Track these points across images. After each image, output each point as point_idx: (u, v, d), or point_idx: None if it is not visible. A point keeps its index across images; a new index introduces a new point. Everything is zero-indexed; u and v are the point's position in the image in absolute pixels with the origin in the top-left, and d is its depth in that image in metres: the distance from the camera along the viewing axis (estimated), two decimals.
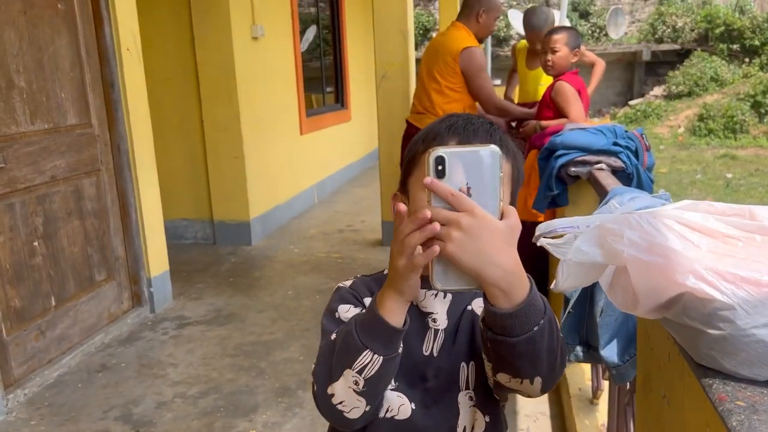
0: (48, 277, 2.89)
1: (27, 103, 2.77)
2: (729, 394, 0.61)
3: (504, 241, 0.66)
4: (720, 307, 0.61)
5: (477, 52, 3.43)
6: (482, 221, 0.65)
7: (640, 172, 2.14)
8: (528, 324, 0.68)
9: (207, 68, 4.58)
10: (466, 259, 0.65)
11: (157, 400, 2.64)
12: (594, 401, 2.26)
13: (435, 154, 0.67)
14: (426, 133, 0.90)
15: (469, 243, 0.65)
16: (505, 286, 0.66)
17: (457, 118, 0.89)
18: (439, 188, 0.66)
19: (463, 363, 0.88)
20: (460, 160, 0.67)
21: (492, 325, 0.69)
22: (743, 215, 0.70)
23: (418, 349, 0.89)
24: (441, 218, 0.65)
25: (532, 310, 0.68)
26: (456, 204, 0.65)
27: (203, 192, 4.86)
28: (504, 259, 0.66)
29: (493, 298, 0.67)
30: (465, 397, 0.88)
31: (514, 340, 0.68)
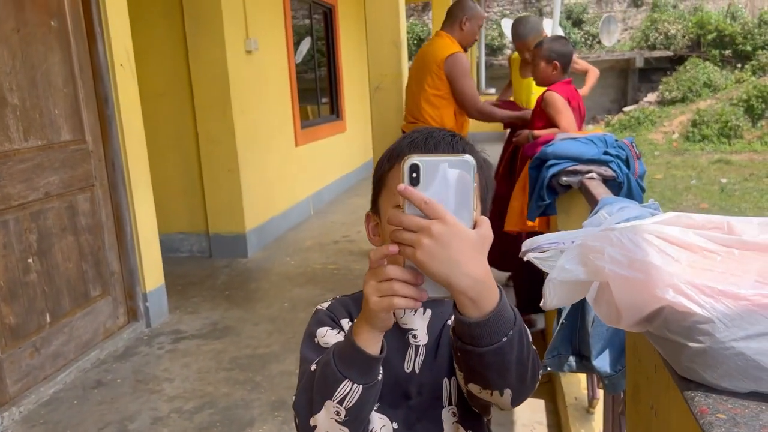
0: (42, 293, 2.88)
1: (20, 120, 2.77)
2: (710, 407, 0.61)
3: (474, 249, 0.66)
4: (699, 321, 0.62)
5: (460, 57, 3.47)
6: (453, 229, 0.65)
7: (630, 181, 2.16)
8: (497, 334, 0.68)
9: (201, 82, 4.60)
10: (436, 266, 0.65)
11: (152, 416, 2.63)
12: (590, 410, 2.26)
13: (410, 161, 0.67)
14: (390, 152, 0.91)
15: (439, 251, 0.65)
16: (474, 295, 0.66)
17: (418, 134, 0.89)
18: (413, 195, 0.66)
19: (445, 378, 0.88)
20: (434, 169, 0.67)
21: (461, 334, 0.70)
22: (722, 228, 0.70)
23: (399, 366, 0.89)
24: (413, 225, 0.66)
25: (501, 320, 0.68)
26: (428, 211, 0.66)
27: (198, 205, 4.86)
28: (474, 268, 0.66)
29: (462, 307, 0.67)
30: (448, 413, 0.88)
31: (483, 350, 0.68)
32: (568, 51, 3.15)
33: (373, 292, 0.71)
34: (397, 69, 4.56)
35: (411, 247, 0.66)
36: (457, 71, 3.43)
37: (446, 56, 3.43)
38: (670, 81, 14.87)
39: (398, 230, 0.67)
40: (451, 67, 3.43)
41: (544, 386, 2.74)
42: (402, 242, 0.67)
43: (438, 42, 3.57)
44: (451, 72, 3.43)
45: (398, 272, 0.69)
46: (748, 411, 0.60)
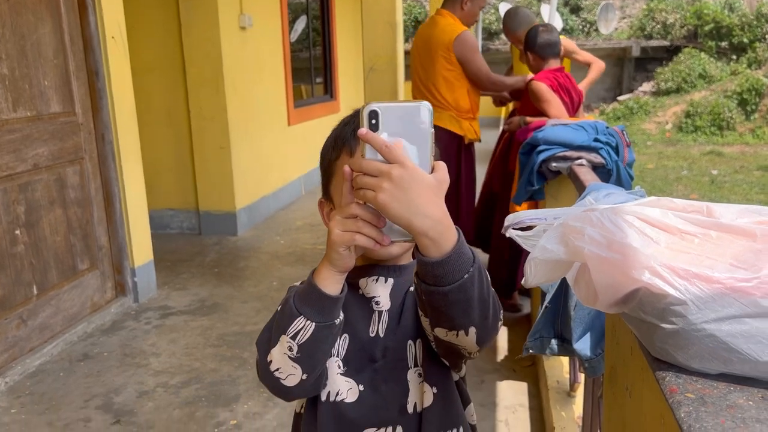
0: (30, 265, 2.87)
1: (9, 91, 2.74)
2: (680, 387, 0.63)
3: (433, 193, 0.69)
4: (673, 302, 0.63)
5: (468, 36, 3.42)
6: (413, 173, 0.68)
7: (619, 168, 2.17)
8: (458, 272, 0.70)
9: (194, 58, 4.55)
10: (396, 209, 0.68)
11: (138, 390, 2.64)
12: (571, 393, 2.29)
13: (369, 108, 0.69)
14: (334, 139, 0.93)
15: (399, 193, 0.67)
16: (434, 235, 0.69)
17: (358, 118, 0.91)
18: (374, 140, 0.68)
19: (410, 341, 0.90)
20: (393, 115, 0.69)
21: (424, 276, 0.72)
22: (701, 212, 0.71)
23: (364, 331, 0.91)
24: (373, 169, 0.68)
25: (462, 258, 0.71)
26: (388, 155, 0.68)
27: (189, 182, 4.84)
28: (432, 209, 0.68)
29: (424, 248, 0.70)
30: (414, 374, 0.90)
31: (446, 288, 0.71)
32: (543, 40, 3.15)
33: (336, 225, 0.75)
34: (392, 50, 4.52)
35: (372, 191, 0.68)
36: (467, 52, 3.38)
37: (453, 38, 3.37)
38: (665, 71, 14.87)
39: (359, 175, 0.69)
40: (461, 48, 3.38)
41: (527, 370, 2.78)
42: (363, 186, 0.69)
43: (441, 23, 3.48)
44: (461, 53, 3.38)
45: (362, 210, 0.72)
46: (717, 391, 0.62)
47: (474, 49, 3.42)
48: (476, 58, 3.42)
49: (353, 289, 0.94)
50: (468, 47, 3.39)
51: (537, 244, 0.77)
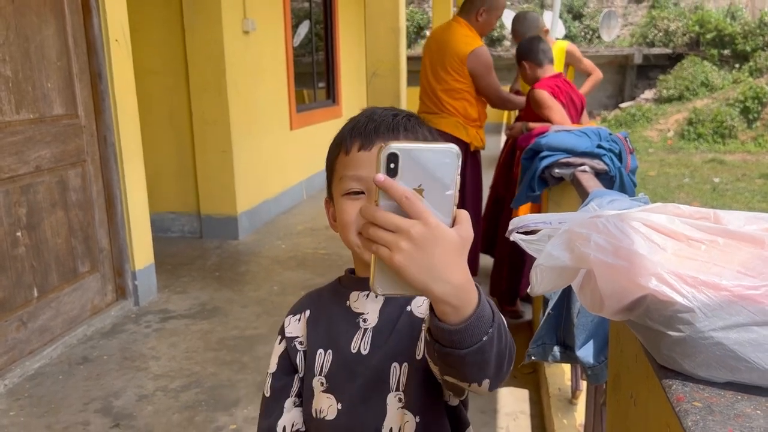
0: (31, 267, 2.87)
1: (12, 93, 2.74)
2: (687, 395, 0.62)
3: (456, 254, 0.61)
4: (680, 310, 0.62)
5: (484, 53, 3.38)
6: (435, 232, 0.59)
7: (623, 175, 2.16)
8: (477, 335, 0.64)
9: (197, 61, 4.56)
10: (414, 272, 0.59)
11: (138, 393, 2.63)
12: (573, 401, 2.28)
13: (387, 150, 0.60)
14: (333, 142, 0.90)
15: (419, 256, 0.59)
16: (455, 302, 0.62)
17: (360, 117, 0.88)
18: (393, 188, 0.59)
19: (395, 363, 0.86)
20: (416, 158, 0.60)
21: (439, 339, 0.66)
22: (708, 218, 0.71)
23: (346, 347, 0.89)
24: (390, 224, 0.59)
25: (481, 321, 0.64)
26: (409, 209, 0.59)
27: (191, 185, 4.84)
28: (455, 274, 0.61)
29: (442, 314, 0.63)
30: (394, 399, 0.86)
31: (464, 352, 0.64)
32: (536, 47, 3.16)
33: None
34: (395, 56, 4.53)
35: (387, 249, 0.60)
36: (480, 68, 3.35)
37: (468, 53, 3.34)
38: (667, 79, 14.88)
39: (372, 226, 0.60)
40: (475, 64, 3.35)
41: (528, 377, 2.76)
42: (377, 241, 0.60)
43: (458, 32, 3.44)
44: (474, 69, 3.35)
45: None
46: (724, 400, 0.61)
47: (487, 67, 3.39)
48: (489, 76, 3.39)
49: (342, 301, 0.92)
50: (481, 64, 3.36)
51: (543, 251, 0.77)
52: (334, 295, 0.95)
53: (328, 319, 0.93)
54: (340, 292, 0.94)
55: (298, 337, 0.95)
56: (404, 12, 4.69)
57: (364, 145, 0.84)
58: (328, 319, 0.93)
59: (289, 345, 0.95)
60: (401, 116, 0.87)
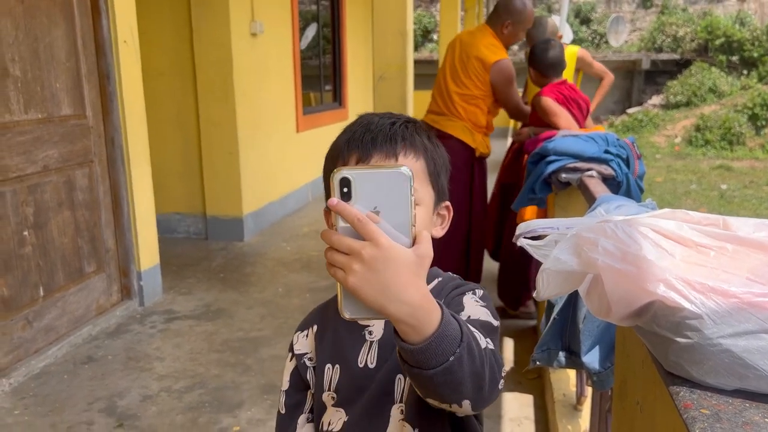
0: (37, 267, 2.88)
1: (21, 92, 2.76)
2: (695, 402, 0.61)
3: (411, 273, 0.61)
4: (688, 316, 0.62)
5: (506, 65, 3.35)
6: (387, 252, 0.59)
7: (630, 181, 2.16)
8: (442, 355, 0.63)
9: (204, 63, 4.58)
10: (368, 293, 0.60)
11: (142, 394, 2.63)
12: (578, 407, 2.27)
13: (339, 175, 0.62)
14: (331, 148, 0.89)
15: (371, 277, 0.59)
16: (413, 321, 0.61)
17: (357, 127, 0.87)
18: (345, 211, 0.60)
19: (399, 375, 0.86)
20: (368, 182, 0.62)
21: (406, 359, 0.65)
22: (717, 224, 0.70)
23: (354, 362, 0.88)
24: (343, 247, 0.60)
25: (445, 340, 0.63)
26: (361, 231, 0.60)
27: (197, 186, 4.85)
28: (410, 294, 0.60)
29: (403, 334, 0.63)
30: (396, 411, 0.86)
31: (431, 372, 0.63)
32: (547, 60, 3.15)
33: None
34: (402, 59, 4.53)
35: (342, 271, 0.61)
36: (504, 81, 3.35)
37: (492, 63, 3.32)
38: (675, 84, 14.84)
39: (330, 250, 0.61)
40: (497, 76, 3.34)
41: (533, 382, 2.75)
42: (334, 264, 0.61)
43: (484, 40, 3.41)
44: (495, 81, 3.34)
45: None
46: (732, 407, 0.60)
47: (509, 80, 3.38)
48: (509, 89, 3.39)
49: None
50: (504, 77, 3.35)
51: (550, 255, 0.76)
52: None
53: (334, 334, 0.92)
54: None
55: (307, 353, 0.95)
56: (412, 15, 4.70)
57: (361, 159, 0.84)
58: (334, 334, 0.92)
59: (298, 362, 0.95)
60: (399, 124, 0.86)
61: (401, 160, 0.83)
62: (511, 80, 3.39)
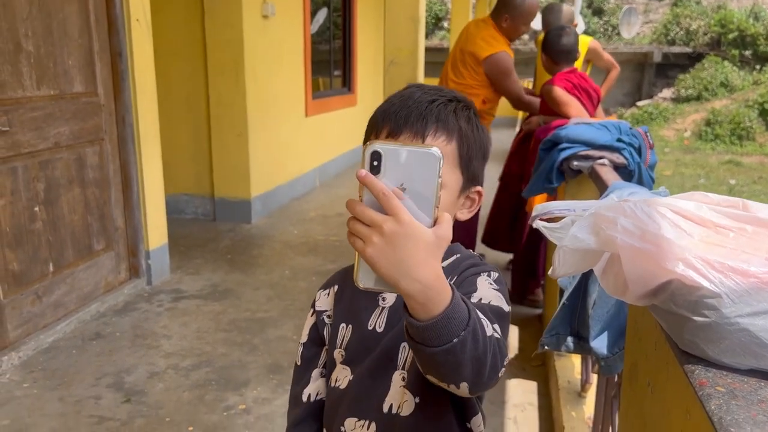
0: (47, 242, 2.90)
1: (34, 68, 2.76)
2: (710, 380, 0.62)
3: (428, 252, 0.62)
4: (707, 295, 0.62)
5: (500, 58, 3.34)
6: (407, 229, 0.61)
7: (641, 170, 2.15)
8: (446, 336, 0.64)
9: (215, 44, 4.57)
10: (384, 266, 0.62)
11: (149, 371, 2.66)
12: (582, 394, 2.28)
13: (371, 148, 0.63)
14: (371, 118, 0.89)
15: (389, 251, 0.61)
16: (423, 299, 0.63)
17: (396, 99, 0.86)
18: (372, 184, 0.62)
19: (404, 343, 0.88)
20: (398, 158, 0.63)
21: (411, 333, 0.67)
22: (737, 206, 0.70)
23: (364, 324, 0.91)
24: (365, 218, 0.62)
25: (452, 322, 0.64)
26: (385, 205, 0.62)
27: (205, 168, 4.86)
28: (424, 272, 0.62)
29: (411, 310, 0.65)
30: (398, 377, 0.88)
31: (433, 350, 0.65)
32: (560, 46, 3.13)
33: None
34: (413, 45, 4.51)
35: (362, 241, 0.63)
36: (497, 74, 3.35)
37: (485, 57, 3.34)
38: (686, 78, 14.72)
39: (353, 219, 0.63)
40: (490, 69, 3.35)
41: (537, 369, 2.77)
42: (355, 234, 0.63)
43: (483, 32, 3.42)
44: (490, 73, 3.36)
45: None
46: (748, 386, 0.61)
47: (505, 72, 3.36)
48: (506, 81, 3.37)
49: None
50: (498, 70, 3.34)
51: (567, 233, 0.77)
52: None
53: (352, 295, 0.95)
54: None
55: (327, 311, 0.98)
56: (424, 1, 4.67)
57: (392, 133, 0.83)
58: (352, 295, 0.95)
59: (318, 318, 0.98)
60: (439, 102, 0.84)
61: (429, 141, 0.82)
62: (507, 72, 3.38)
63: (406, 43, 4.47)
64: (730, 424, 0.54)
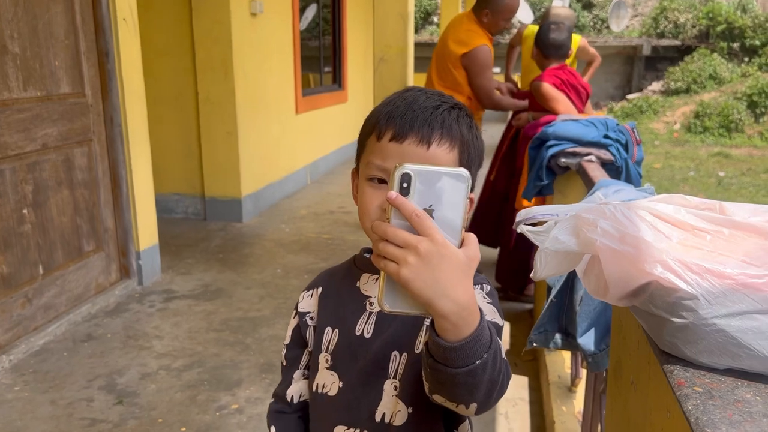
0: (36, 245, 2.89)
1: (20, 70, 2.75)
2: (688, 380, 0.63)
3: (462, 272, 0.63)
4: (684, 297, 0.63)
5: (480, 52, 3.38)
6: (442, 249, 0.62)
7: (629, 166, 2.17)
8: (471, 357, 0.65)
9: (204, 42, 4.55)
10: (419, 287, 0.62)
11: (141, 372, 2.66)
12: (572, 389, 2.30)
13: (401, 170, 0.63)
14: (370, 116, 0.87)
15: (425, 271, 0.61)
16: (456, 319, 0.63)
17: (400, 102, 0.84)
18: (403, 206, 0.62)
19: (395, 352, 0.87)
20: (428, 180, 0.64)
21: (434, 353, 0.67)
22: (714, 209, 0.71)
23: (352, 328, 0.90)
24: (399, 240, 0.62)
25: (478, 344, 0.65)
26: (418, 226, 0.62)
27: (195, 167, 4.85)
28: (459, 292, 0.62)
29: (441, 330, 0.65)
30: (390, 386, 0.87)
31: (455, 371, 0.66)
32: (550, 40, 3.14)
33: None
34: (402, 41, 4.51)
35: (395, 264, 0.62)
36: (476, 68, 3.39)
37: (462, 53, 3.39)
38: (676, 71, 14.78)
39: (384, 242, 0.63)
40: (469, 63, 3.40)
41: (528, 364, 2.79)
42: (387, 256, 0.63)
43: (463, 26, 3.47)
44: (468, 67, 3.42)
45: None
46: (724, 386, 0.62)
47: (483, 66, 3.40)
48: (481, 76, 3.42)
49: (353, 282, 0.93)
50: (477, 63, 3.39)
51: (549, 236, 0.78)
52: (347, 274, 0.96)
53: (338, 298, 0.94)
54: (352, 273, 0.95)
55: (310, 313, 0.97)
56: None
57: (396, 137, 0.81)
58: (338, 298, 0.94)
59: (300, 320, 0.97)
60: (443, 108, 0.83)
61: (434, 149, 0.81)
62: (483, 67, 3.41)
63: (395, 40, 4.47)
64: (706, 424, 0.55)
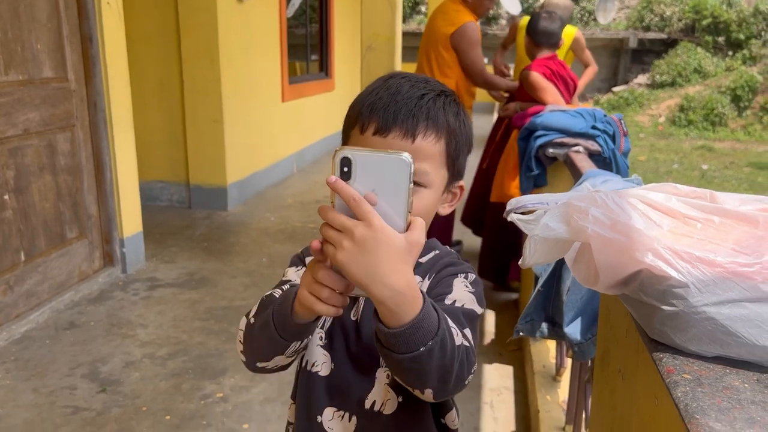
0: (18, 231, 2.84)
1: (1, 53, 2.69)
2: (677, 368, 0.63)
3: (399, 258, 0.62)
4: (674, 285, 0.63)
5: (466, 30, 3.38)
6: (378, 234, 0.61)
7: (616, 157, 2.17)
8: (413, 344, 0.64)
9: (189, 28, 4.49)
10: (354, 272, 0.62)
11: (125, 360, 2.63)
12: (557, 378, 2.32)
13: (341, 154, 0.64)
14: (353, 104, 0.85)
15: (360, 256, 0.61)
16: (393, 306, 0.63)
17: (383, 92, 0.81)
18: (342, 189, 0.62)
19: None
20: (368, 164, 0.63)
21: (380, 338, 0.67)
22: (705, 198, 0.72)
23: (347, 313, 0.89)
24: (336, 224, 0.62)
25: (420, 331, 0.64)
26: (356, 210, 0.62)
27: (180, 154, 4.80)
28: (395, 278, 0.62)
29: (382, 316, 0.65)
30: (383, 374, 0.87)
31: (400, 356, 0.65)
32: (541, 28, 3.14)
33: (305, 284, 0.69)
34: (390, 30, 4.48)
35: (333, 247, 0.63)
36: (465, 44, 3.37)
37: (452, 31, 3.38)
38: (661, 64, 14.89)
39: (325, 225, 0.64)
40: (458, 41, 3.38)
41: (513, 354, 2.80)
42: (327, 239, 0.63)
43: (448, 8, 3.47)
44: (458, 46, 3.40)
45: (331, 280, 0.66)
46: (713, 373, 0.62)
47: (472, 42, 3.39)
48: (472, 52, 3.40)
49: None
50: (466, 40, 3.38)
51: (539, 223, 0.77)
52: None
53: None
54: None
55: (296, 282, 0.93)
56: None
57: (380, 130, 0.79)
58: None
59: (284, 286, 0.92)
60: (428, 97, 0.81)
61: (419, 141, 0.79)
62: (473, 43, 3.41)
63: (383, 28, 4.44)
64: (695, 411, 0.55)
